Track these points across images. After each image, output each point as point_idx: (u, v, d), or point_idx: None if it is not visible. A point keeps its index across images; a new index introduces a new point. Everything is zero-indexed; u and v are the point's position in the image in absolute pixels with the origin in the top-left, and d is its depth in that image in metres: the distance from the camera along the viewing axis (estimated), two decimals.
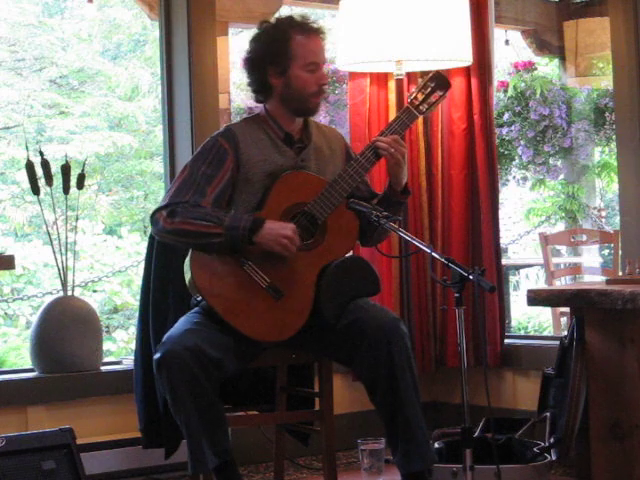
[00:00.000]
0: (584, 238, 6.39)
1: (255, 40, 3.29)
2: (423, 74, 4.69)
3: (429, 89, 3.32)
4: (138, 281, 7.16)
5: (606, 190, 7.45)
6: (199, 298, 3.27)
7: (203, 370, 3.02)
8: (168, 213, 3.15)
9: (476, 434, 3.84)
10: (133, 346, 3.70)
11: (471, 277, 2.82)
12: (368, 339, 3.16)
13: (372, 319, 3.18)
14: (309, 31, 3.24)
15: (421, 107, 3.32)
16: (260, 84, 3.29)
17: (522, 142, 6.15)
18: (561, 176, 6.62)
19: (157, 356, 3.05)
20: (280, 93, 3.26)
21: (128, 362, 4.14)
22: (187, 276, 3.19)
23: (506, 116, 6.11)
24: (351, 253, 3.41)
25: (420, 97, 3.31)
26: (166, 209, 3.16)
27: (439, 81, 3.34)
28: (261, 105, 3.39)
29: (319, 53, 3.26)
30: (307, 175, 3.27)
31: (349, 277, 3.23)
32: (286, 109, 3.28)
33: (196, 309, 3.22)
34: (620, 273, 5.29)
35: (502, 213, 6.02)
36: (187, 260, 3.18)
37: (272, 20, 3.33)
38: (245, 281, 3.14)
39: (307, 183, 3.24)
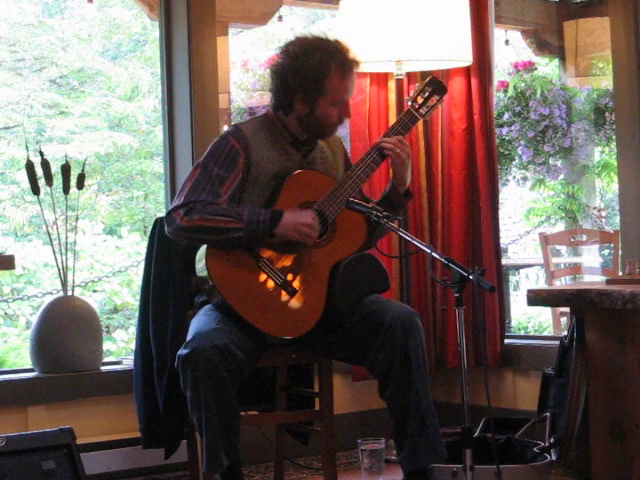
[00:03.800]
0: (584, 238, 6.39)
1: (291, 59, 3.25)
2: (423, 75, 4.71)
3: (427, 93, 3.38)
4: (138, 281, 7.16)
5: (606, 190, 7.45)
6: (202, 298, 3.28)
7: (228, 370, 3.02)
8: (185, 211, 3.15)
9: (476, 434, 3.84)
10: (133, 346, 3.70)
11: (471, 277, 2.83)
12: (385, 331, 3.17)
13: (389, 311, 3.20)
14: (347, 70, 3.24)
15: (421, 110, 3.37)
16: (283, 103, 3.29)
17: (522, 142, 6.15)
18: (561, 176, 6.62)
19: (184, 352, 3.04)
20: (301, 116, 3.28)
21: (128, 362, 4.14)
22: (199, 268, 3.19)
23: (506, 116, 6.11)
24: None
25: (419, 101, 3.37)
26: (183, 208, 3.16)
27: (436, 86, 3.41)
28: (267, 104, 3.41)
29: (350, 90, 3.28)
30: (317, 174, 3.31)
31: (361, 273, 3.26)
32: (301, 128, 3.30)
33: (209, 306, 3.22)
34: (620, 273, 5.29)
35: (502, 213, 6.02)
36: (200, 253, 3.19)
37: (314, 41, 3.26)
38: (259, 277, 3.17)
39: (317, 182, 3.28)
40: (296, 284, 3.18)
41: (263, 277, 3.17)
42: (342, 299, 3.20)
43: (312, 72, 3.21)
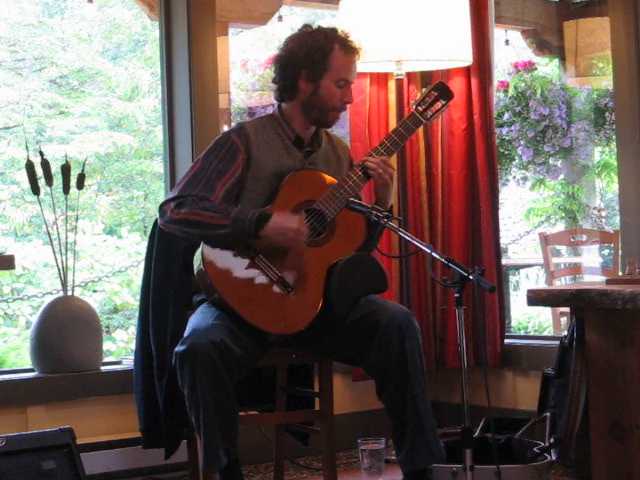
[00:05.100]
0: (584, 238, 6.39)
1: (295, 41, 3.31)
2: (423, 75, 4.71)
3: (432, 98, 3.38)
4: (138, 281, 7.16)
5: (606, 190, 7.46)
6: (201, 297, 3.28)
7: (226, 366, 3.03)
8: (176, 204, 3.18)
9: (476, 434, 3.84)
10: (133, 346, 3.70)
11: (471, 277, 2.83)
12: (381, 332, 3.18)
13: (385, 312, 3.20)
14: (350, 49, 3.29)
15: (425, 114, 3.36)
16: (288, 84, 3.32)
17: (522, 142, 6.15)
18: (561, 176, 6.63)
19: (181, 349, 3.04)
20: (304, 99, 3.30)
21: (128, 362, 4.14)
22: (196, 265, 3.21)
23: (506, 116, 6.11)
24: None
25: (424, 105, 3.37)
26: (174, 201, 3.20)
27: (442, 91, 3.41)
28: (269, 106, 3.42)
29: (352, 72, 3.33)
30: (317, 174, 3.32)
31: (359, 273, 3.25)
32: (304, 115, 3.33)
33: (207, 303, 3.22)
34: (620, 273, 5.29)
35: (502, 213, 6.02)
36: (198, 250, 3.20)
37: (317, 26, 3.34)
38: (256, 274, 3.17)
39: (317, 182, 3.29)
40: (292, 281, 3.18)
41: (259, 274, 3.17)
42: (339, 298, 3.20)
43: (317, 45, 3.26)
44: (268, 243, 3.15)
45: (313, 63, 3.26)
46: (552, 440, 3.66)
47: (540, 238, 6.39)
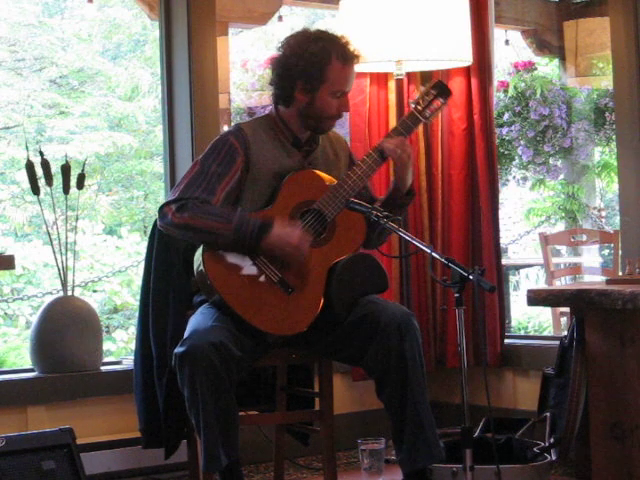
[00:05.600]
0: (584, 238, 6.40)
1: (293, 48, 3.28)
2: (423, 75, 4.71)
3: (431, 96, 3.36)
4: (138, 281, 7.17)
5: (606, 190, 7.46)
6: (201, 297, 3.28)
7: (226, 368, 3.02)
8: (177, 207, 3.17)
9: (476, 434, 3.84)
10: (133, 346, 3.70)
11: (471, 277, 2.83)
12: (381, 332, 3.18)
13: (385, 312, 3.20)
14: (348, 59, 3.27)
15: (424, 112, 3.35)
16: (284, 93, 3.31)
17: (522, 142, 6.15)
18: (561, 176, 6.63)
19: (181, 350, 3.04)
20: (300, 108, 3.29)
21: (128, 362, 4.14)
22: (196, 266, 3.20)
23: (506, 116, 6.11)
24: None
25: (423, 103, 3.36)
26: (175, 203, 3.18)
27: (440, 89, 3.39)
28: (269, 106, 3.42)
29: (349, 82, 3.31)
30: (317, 174, 3.32)
31: (359, 273, 3.25)
32: (300, 122, 3.32)
33: (207, 304, 3.22)
34: (620, 273, 5.29)
35: (502, 213, 6.02)
36: (199, 251, 3.19)
37: (315, 32, 3.31)
38: (256, 275, 3.17)
39: (317, 181, 3.29)
40: (293, 282, 3.18)
41: (260, 274, 3.17)
42: (339, 298, 3.20)
43: (314, 58, 3.23)
44: (268, 250, 3.16)
45: (309, 76, 3.24)
46: (552, 440, 3.66)
47: (540, 238, 6.39)
